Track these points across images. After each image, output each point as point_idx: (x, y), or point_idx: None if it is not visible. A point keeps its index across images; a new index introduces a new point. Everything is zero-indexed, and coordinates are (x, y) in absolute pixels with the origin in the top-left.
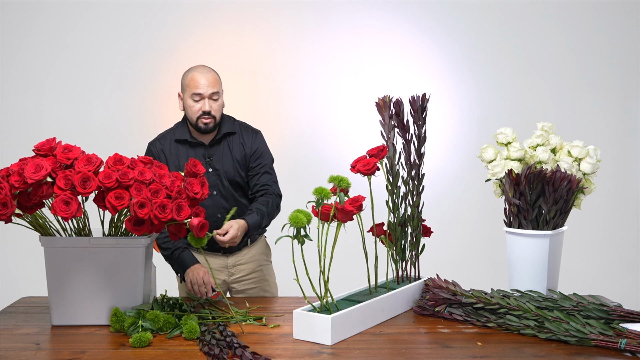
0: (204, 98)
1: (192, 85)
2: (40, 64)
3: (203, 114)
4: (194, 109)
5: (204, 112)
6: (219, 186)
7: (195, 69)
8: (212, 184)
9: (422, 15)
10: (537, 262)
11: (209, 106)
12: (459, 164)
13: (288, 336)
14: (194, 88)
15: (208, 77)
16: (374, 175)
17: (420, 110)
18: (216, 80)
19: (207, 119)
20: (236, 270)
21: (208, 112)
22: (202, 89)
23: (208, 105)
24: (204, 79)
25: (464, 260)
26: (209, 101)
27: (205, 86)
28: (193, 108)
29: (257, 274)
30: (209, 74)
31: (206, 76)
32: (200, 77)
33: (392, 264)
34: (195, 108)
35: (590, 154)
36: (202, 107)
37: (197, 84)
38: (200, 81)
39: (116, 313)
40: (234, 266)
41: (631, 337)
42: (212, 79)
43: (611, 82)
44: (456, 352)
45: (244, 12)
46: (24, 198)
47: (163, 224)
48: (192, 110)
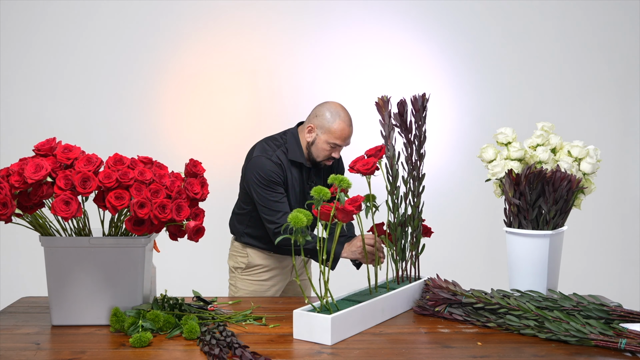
0: (341, 148)
1: (338, 136)
2: (40, 64)
3: (330, 159)
4: (326, 153)
5: (333, 158)
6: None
7: (344, 117)
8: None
9: (422, 15)
10: (537, 262)
11: (339, 154)
12: (459, 164)
13: (288, 336)
14: (338, 139)
15: (351, 129)
16: (373, 175)
17: (421, 110)
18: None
19: (330, 162)
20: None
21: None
22: (344, 143)
23: (338, 153)
24: (350, 132)
25: (464, 260)
26: (339, 150)
27: (348, 139)
28: (325, 152)
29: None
30: (351, 125)
31: (351, 129)
32: (349, 131)
33: (392, 264)
34: (327, 153)
35: (590, 154)
36: (334, 154)
37: (344, 137)
38: (348, 135)
39: (116, 313)
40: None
41: (631, 337)
42: (352, 132)
43: (611, 82)
44: (456, 352)
45: (244, 12)
46: (24, 198)
47: (163, 224)
48: (324, 153)
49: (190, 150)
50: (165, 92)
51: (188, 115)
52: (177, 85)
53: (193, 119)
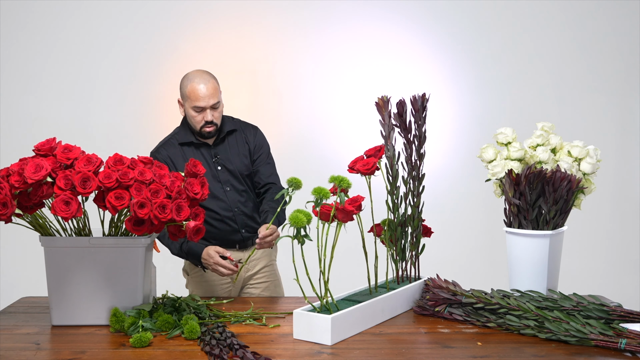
0: (205, 109)
1: (193, 98)
2: (40, 64)
3: (206, 124)
4: (196, 119)
5: (207, 122)
6: (232, 181)
7: (193, 78)
8: (224, 180)
9: (422, 15)
10: (537, 262)
11: (211, 116)
12: (459, 164)
13: (288, 336)
14: (195, 100)
15: (208, 87)
16: (373, 175)
17: (421, 110)
18: (215, 89)
19: (210, 127)
20: (251, 265)
21: (211, 121)
22: (203, 102)
23: (210, 115)
24: (204, 90)
25: (464, 260)
26: (210, 111)
27: (206, 98)
28: (195, 118)
29: (269, 268)
30: (208, 83)
31: (206, 87)
32: (200, 90)
33: (392, 264)
34: (197, 119)
35: (590, 154)
36: (204, 117)
37: (197, 97)
38: (200, 93)
39: (115, 313)
40: (250, 262)
41: (631, 337)
42: (211, 89)
43: (611, 82)
44: (456, 352)
45: (244, 12)
46: (24, 198)
47: (163, 224)
48: (195, 120)
49: None
50: (165, 92)
51: None
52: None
53: None
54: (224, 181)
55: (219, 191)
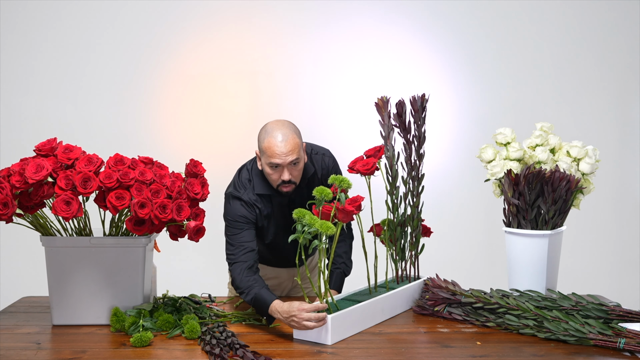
0: (282, 167)
1: (269, 154)
2: (41, 64)
3: (283, 183)
4: (272, 177)
5: (284, 182)
6: None
7: (272, 133)
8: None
9: (421, 15)
10: (536, 261)
11: (289, 175)
12: (458, 164)
13: (288, 336)
14: (271, 157)
15: (286, 145)
16: (373, 175)
17: (420, 110)
18: (295, 145)
19: (288, 187)
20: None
21: (289, 180)
22: (279, 159)
23: (288, 174)
24: (282, 147)
25: (463, 260)
26: (288, 168)
27: (283, 156)
28: (272, 176)
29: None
30: (286, 140)
31: (284, 144)
32: (277, 146)
33: (391, 263)
34: (273, 177)
35: (589, 154)
36: (281, 176)
37: (273, 153)
38: (278, 151)
39: (116, 313)
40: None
41: (630, 336)
42: (290, 146)
43: (611, 82)
44: (456, 351)
45: (244, 12)
46: (24, 198)
47: (163, 224)
48: (271, 178)
49: (191, 150)
50: (165, 92)
51: (189, 115)
52: (177, 86)
53: (194, 120)
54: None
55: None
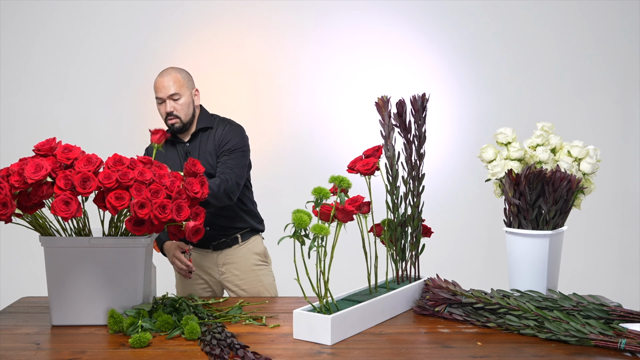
0: (165, 100)
1: (155, 89)
2: (40, 64)
3: (167, 116)
4: (160, 111)
5: (168, 114)
6: None
7: (159, 73)
8: None
9: (422, 15)
10: (537, 262)
11: (171, 107)
12: (459, 164)
13: (288, 336)
14: (155, 91)
15: (167, 79)
16: (373, 175)
17: (421, 110)
18: (177, 81)
19: (172, 119)
20: (226, 269)
21: (170, 112)
22: (161, 92)
23: (169, 106)
24: (163, 81)
25: (464, 260)
26: (170, 102)
27: (163, 88)
28: (159, 111)
29: (249, 274)
30: (168, 75)
31: (165, 79)
32: (159, 81)
33: (392, 264)
34: (160, 110)
35: (590, 154)
36: (164, 108)
37: (157, 87)
38: (159, 84)
39: (113, 314)
40: (224, 264)
41: (631, 337)
42: (172, 80)
43: (611, 82)
44: (456, 352)
45: (244, 12)
46: (24, 198)
47: (163, 224)
48: (159, 112)
49: None
50: None
51: None
52: None
53: None
54: None
55: None
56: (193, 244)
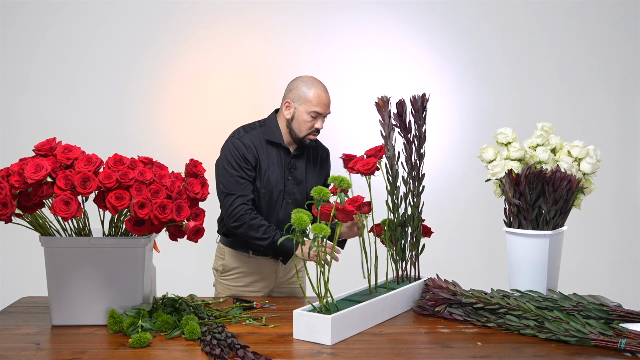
0: (322, 116)
1: (316, 103)
2: (40, 64)
3: (314, 131)
4: (308, 124)
5: (317, 130)
6: (296, 195)
7: (318, 85)
8: (290, 191)
9: (422, 15)
10: (537, 262)
11: (322, 125)
12: (459, 164)
13: (288, 336)
14: (317, 106)
15: (329, 97)
16: (373, 175)
17: (421, 110)
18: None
19: (315, 135)
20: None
21: (319, 130)
22: (324, 110)
23: (321, 123)
24: (327, 98)
25: (464, 260)
26: (322, 120)
27: (327, 107)
28: (308, 124)
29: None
30: (328, 93)
31: (327, 96)
32: (326, 98)
33: (392, 264)
34: (310, 124)
35: (590, 154)
36: (316, 125)
37: (322, 104)
38: (326, 101)
39: (113, 315)
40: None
41: (631, 337)
42: (330, 100)
43: (611, 82)
44: (456, 352)
45: (244, 12)
46: (24, 198)
47: (163, 224)
48: (306, 125)
49: (191, 150)
50: (165, 92)
51: (188, 115)
52: (177, 86)
53: (193, 119)
54: (289, 193)
55: (277, 201)
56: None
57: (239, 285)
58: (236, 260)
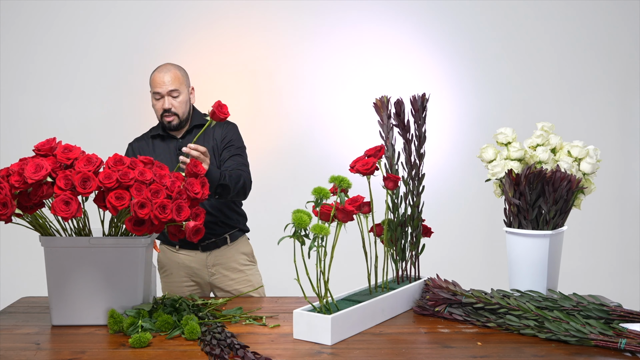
0: (163, 96)
1: (152, 84)
2: (40, 64)
3: (164, 112)
4: (156, 107)
5: (165, 110)
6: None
7: (157, 68)
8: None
9: (422, 15)
10: (537, 262)
11: (169, 103)
12: (459, 164)
13: (288, 336)
14: (154, 87)
15: (167, 75)
16: (373, 175)
17: (421, 109)
18: (176, 78)
19: (169, 116)
20: (215, 270)
21: (168, 109)
22: (160, 88)
23: (168, 102)
24: (163, 77)
25: (464, 260)
26: (168, 99)
27: (162, 84)
28: (155, 106)
29: (239, 274)
30: (168, 72)
31: (165, 74)
32: (159, 76)
33: (392, 264)
34: (157, 106)
35: (590, 154)
36: (162, 105)
37: (155, 83)
38: (158, 80)
39: (113, 314)
40: (213, 265)
41: (631, 337)
42: (171, 77)
43: (611, 82)
44: (456, 352)
45: (244, 12)
46: (24, 198)
47: (163, 224)
48: (155, 108)
49: None
50: None
51: None
52: None
53: None
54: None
55: None
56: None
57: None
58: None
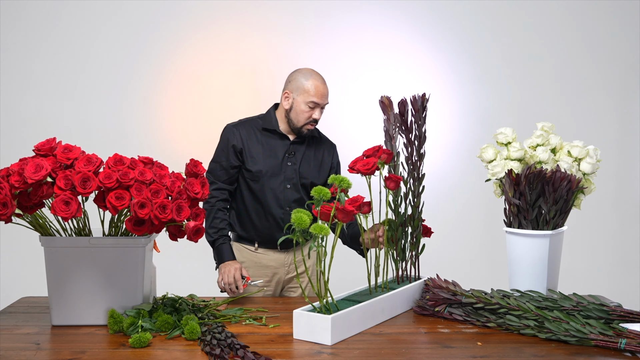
0: (319, 107)
1: (314, 94)
2: (40, 64)
3: (311, 121)
4: (306, 114)
5: (314, 120)
6: (294, 181)
7: (316, 76)
8: (289, 177)
9: (422, 15)
10: (537, 262)
11: (319, 115)
12: (459, 164)
13: (288, 336)
14: (314, 97)
15: (327, 88)
16: (373, 175)
17: (421, 109)
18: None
19: (313, 125)
20: (291, 268)
21: (317, 120)
22: (321, 100)
23: (319, 114)
24: (325, 90)
25: (464, 260)
26: (320, 111)
27: (325, 97)
28: (305, 114)
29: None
30: (326, 84)
31: (325, 87)
32: (322, 87)
33: (392, 264)
34: (307, 114)
35: (590, 154)
36: (314, 115)
37: (319, 94)
38: (322, 91)
39: (113, 314)
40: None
41: (631, 337)
42: (328, 90)
43: (611, 82)
44: (456, 352)
45: (244, 12)
46: (24, 198)
47: (163, 224)
48: (304, 115)
49: (191, 150)
50: (165, 92)
51: (188, 115)
52: (177, 85)
53: (193, 119)
54: (288, 178)
55: (278, 186)
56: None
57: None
58: (240, 255)
